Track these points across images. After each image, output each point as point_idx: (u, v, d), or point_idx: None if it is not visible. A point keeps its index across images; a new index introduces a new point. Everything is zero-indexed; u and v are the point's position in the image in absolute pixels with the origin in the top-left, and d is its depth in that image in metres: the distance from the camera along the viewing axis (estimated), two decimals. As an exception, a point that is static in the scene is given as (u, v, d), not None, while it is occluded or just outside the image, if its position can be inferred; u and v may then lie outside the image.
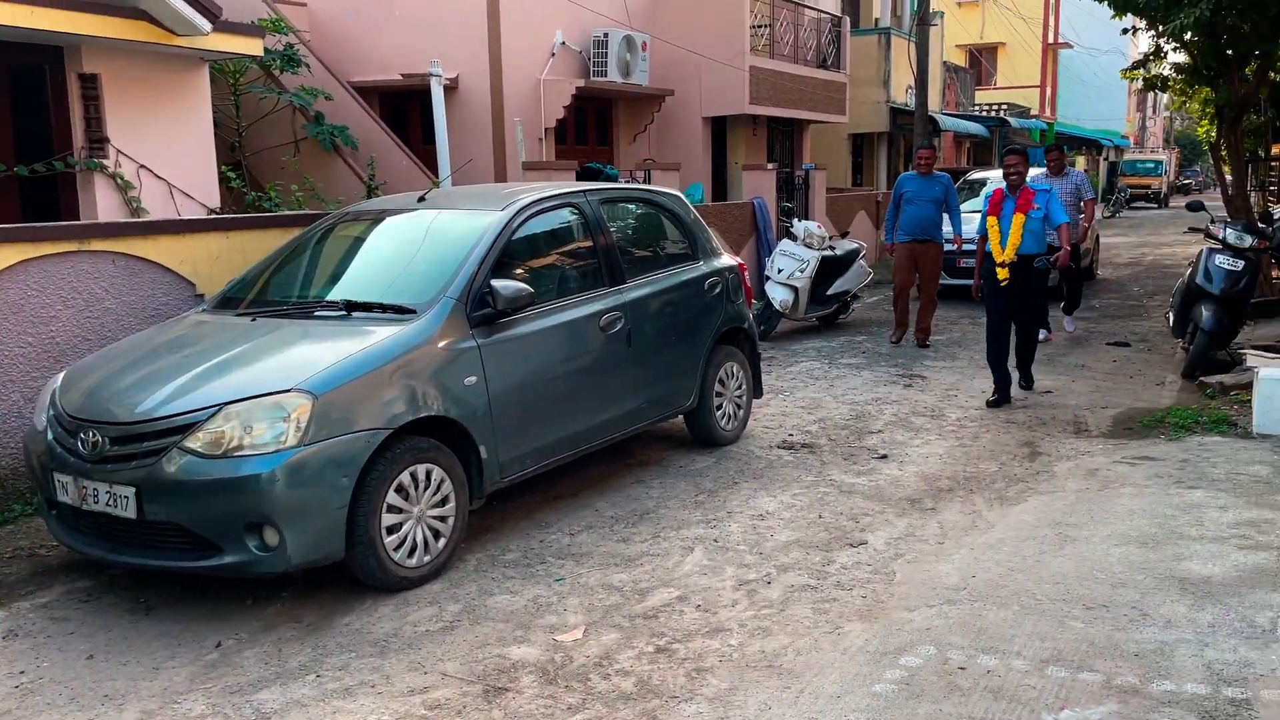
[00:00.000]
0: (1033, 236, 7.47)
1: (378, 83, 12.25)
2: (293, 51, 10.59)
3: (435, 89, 9.79)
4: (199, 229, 6.64)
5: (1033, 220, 7.45)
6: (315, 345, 4.58)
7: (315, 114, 10.60)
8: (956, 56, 35.08)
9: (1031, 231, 7.45)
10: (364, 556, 4.25)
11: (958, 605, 4.14)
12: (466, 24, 11.81)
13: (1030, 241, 7.47)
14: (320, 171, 10.44)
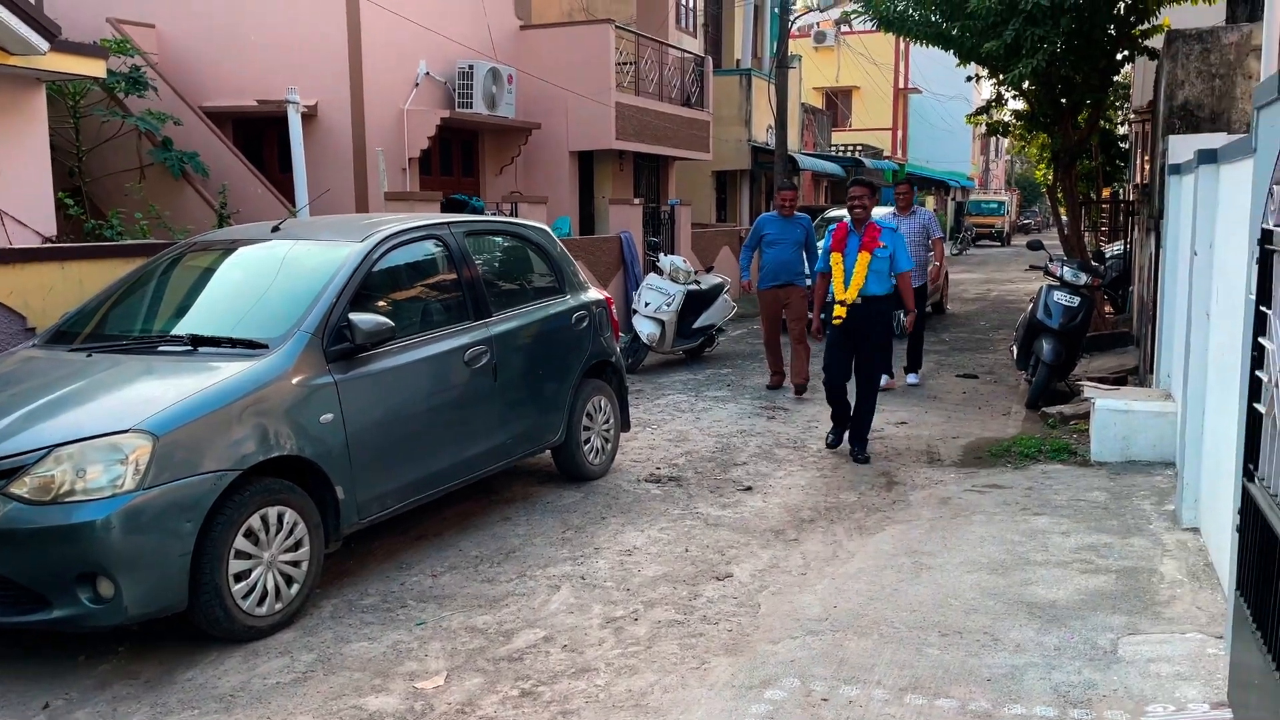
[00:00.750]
0: (877, 277, 7.00)
1: (232, 108, 11.84)
2: (139, 74, 10.14)
3: (293, 116, 9.52)
4: (31, 258, 6.23)
5: (879, 260, 6.97)
6: (157, 382, 4.33)
7: (163, 139, 10.17)
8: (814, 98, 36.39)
9: (877, 272, 6.98)
10: (209, 606, 4.01)
11: (820, 636, 4.20)
12: (326, 51, 11.56)
13: (875, 282, 6.99)
14: (168, 199, 9.99)
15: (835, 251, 7.13)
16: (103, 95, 10.06)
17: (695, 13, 20.34)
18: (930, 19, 12.12)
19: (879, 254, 6.99)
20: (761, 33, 23.76)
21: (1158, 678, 3.74)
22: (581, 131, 14.84)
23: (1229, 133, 7.67)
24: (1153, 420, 6.80)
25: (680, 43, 18.61)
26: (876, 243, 7.00)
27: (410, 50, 12.34)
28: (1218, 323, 5.00)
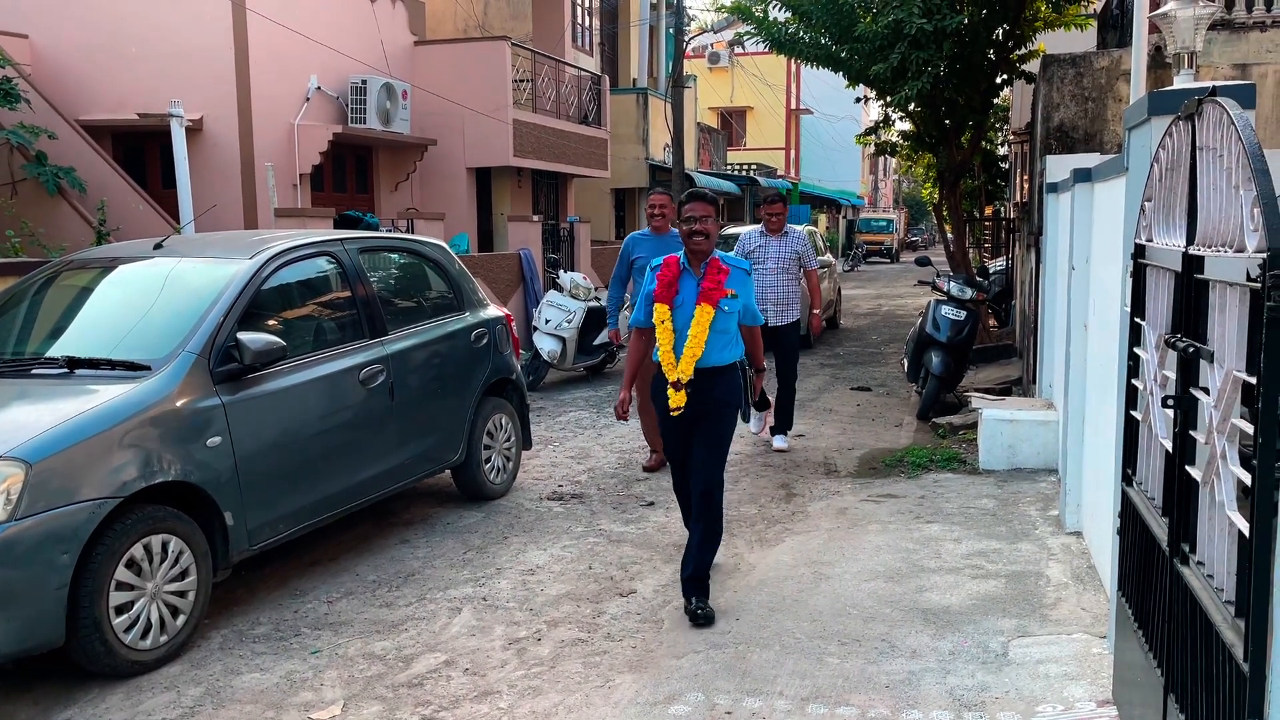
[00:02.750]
0: (723, 341, 4.72)
1: (111, 122, 11.38)
2: (10, 85, 9.66)
3: (176, 130, 9.20)
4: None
5: (725, 317, 4.69)
6: (31, 407, 4.11)
7: (36, 153, 9.70)
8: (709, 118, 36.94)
9: (722, 333, 4.70)
10: (88, 641, 3.81)
11: (723, 649, 4.22)
12: (212, 64, 11.21)
13: (718, 348, 4.70)
14: (42, 215, 9.53)
15: (661, 302, 4.73)
16: (-30, 107, 9.54)
17: (592, 32, 20.44)
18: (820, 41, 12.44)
19: (726, 307, 4.68)
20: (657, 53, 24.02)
21: (1047, 678, 3.87)
22: (479, 148, 14.73)
23: (1102, 153, 8.06)
24: (1037, 429, 7.06)
25: (577, 61, 18.66)
26: (722, 290, 4.67)
27: (301, 64, 12.07)
28: (1095, 334, 5.23)
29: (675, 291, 4.71)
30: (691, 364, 4.61)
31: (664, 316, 4.70)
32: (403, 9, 14.34)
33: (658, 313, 4.72)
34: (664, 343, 4.68)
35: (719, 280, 4.67)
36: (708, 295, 4.64)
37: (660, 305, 4.71)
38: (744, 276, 4.80)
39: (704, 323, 4.61)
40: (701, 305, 4.63)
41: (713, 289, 4.65)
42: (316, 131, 12.18)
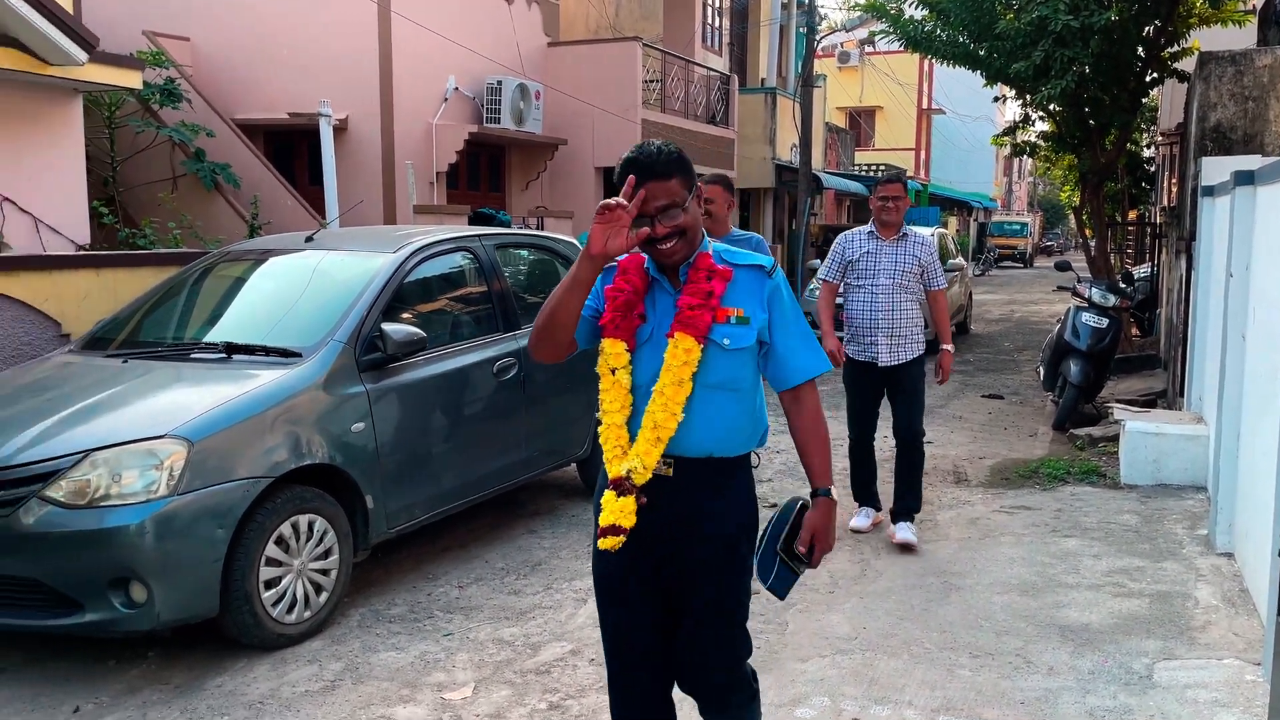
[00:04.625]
0: (724, 405, 2.56)
1: (264, 121, 11.96)
2: (173, 86, 10.27)
3: (324, 129, 9.60)
4: (67, 265, 6.30)
5: (724, 360, 2.55)
6: (192, 389, 4.36)
7: (196, 150, 10.28)
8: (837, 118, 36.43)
9: (721, 390, 2.55)
10: (239, 613, 4.02)
11: (850, 655, 4.16)
12: (358, 66, 11.66)
13: (716, 420, 2.55)
14: (200, 209, 10.09)
15: (613, 336, 2.60)
16: (138, 106, 10.19)
17: (721, 32, 20.42)
18: (958, 39, 12.12)
19: (726, 340, 2.55)
20: (787, 52, 23.82)
21: (1195, 704, 3.69)
22: (607, 147, 14.89)
23: (1263, 155, 7.62)
24: (1184, 443, 6.72)
25: (706, 61, 18.67)
26: (718, 309, 2.55)
27: (440, 65, 12.44)
28: (1255, 344, 4.95)
29: (639, 318, 2.55)
30: (656, 450, 2.46)
31: (617, 361, 2.53)
32: (538, 11, 14.62)
33: (606, 354, 2.56)
34: (611, 411, 2.53)
35: (711, 290, 2.51)
36: (688, 319, 2.48)
37: (611, 342, 2.55)
38: (761, 280, 2.58)
39: (682, 371, 2.46)
40: (678, 337, 2.47)
41: (698, 307, 2.49)
42: (453, 131, 12.53)
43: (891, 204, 5.55)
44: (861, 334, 5.64)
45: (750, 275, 2.60)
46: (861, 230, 5.73)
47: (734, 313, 2.54)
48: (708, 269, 2.55)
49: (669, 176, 2.45)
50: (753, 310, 2.56)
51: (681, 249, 2.52)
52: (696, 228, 2.55)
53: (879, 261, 5.59)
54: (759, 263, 2.62)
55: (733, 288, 2.55)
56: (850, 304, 5.67)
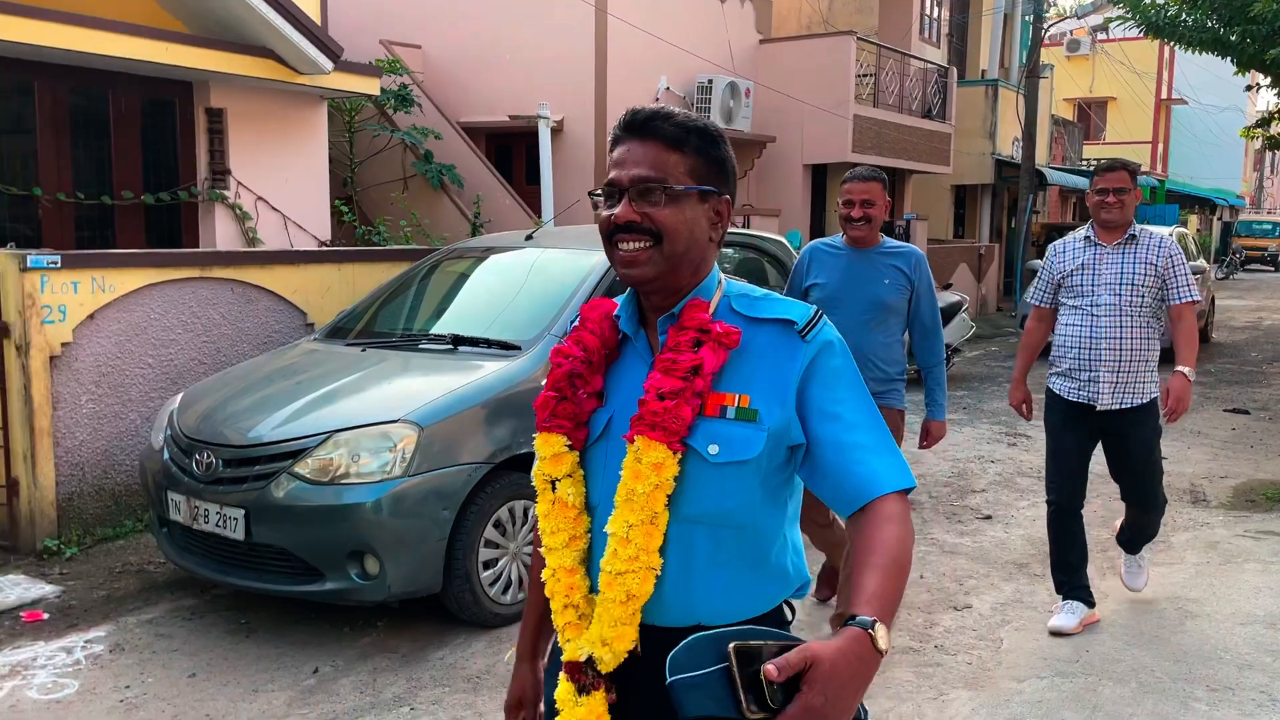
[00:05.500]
0: (721, 545, 1.58)
1: (485, 123, 12.54)
2: (406, 92, 10.92)
3: (542, 131, 9.95)
4: (313, 260, 6.83)
5: (714, 476, 1.55)
6: (422, 377, 4.64)
7: (425, 152, 10.89)
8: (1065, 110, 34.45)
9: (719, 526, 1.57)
10: (460, 591, 4.25)
11: (1071, 679, 3.94)
12: (574, 68, 12.03)
13: (702, 580, 1.58)
14: (427, 208, 10.69)
15: (549, 430, 1.65)
16: (374, 111, 10.90)
17: (939, 23, 19.73)
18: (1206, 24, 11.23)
19: (713, 449, 1.55)
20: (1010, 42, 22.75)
21: None
22: (816, 144, 14.70)
23: None
24: None
25: (923, 53, 18.09)
26: (714, 397, 1.56)
27: (652, 65, 12.65)
28: None
29: (593, 397, 1.67)
30: (629, 626, 1.57)
31: (557, 467, 1.65)
32: (750, 8, 14.61)
33: (540, 456, 1.68)
34: (556, 547, 1.65)
35: (699, 364, 1.56)
36: (655, 413, 1.55)
37: (546, 439, 1.67)
38: (789, 347, 1.59)
39: (653, 499, 1.55)
40: (640, 444, 1.55)
41: (672, 393, 1.55)
42: (664, 130, 12.71)
43: (1113, 198, 4.23)
44: (1075, 366, 4.31)
45: (773, 338, 1.58)
46: (1076, 236, 4.43)
47: (731, 400, 1.55)
48: (699, 326, 1.57)
49: (665, 141, 1.59)
50: (766, 398, 1.55)
51: (650, 269, 1.56)
52: (690, 247, 1.58)
53: (1099, 274, 4.27)
54: (788, 316, 1.58)
55: (738, 359, 1.57)
56: (1065, 328, 4.36)
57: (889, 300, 4.20)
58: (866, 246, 4.25)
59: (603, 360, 1.67)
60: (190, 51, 7.76)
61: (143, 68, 7.69)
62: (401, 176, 11.01)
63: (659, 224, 1.57)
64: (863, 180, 4.18)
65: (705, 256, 1.63)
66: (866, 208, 4.14)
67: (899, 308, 4.24)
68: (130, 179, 8.18)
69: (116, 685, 3.86)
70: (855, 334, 3.90)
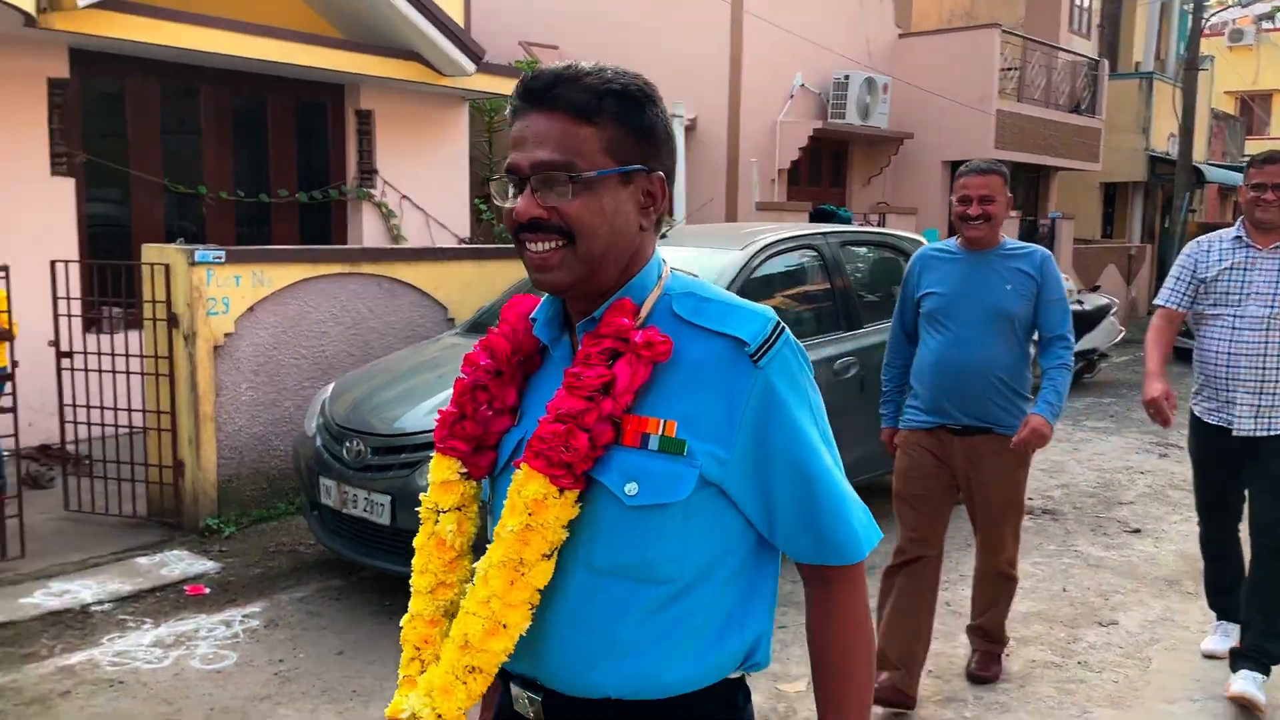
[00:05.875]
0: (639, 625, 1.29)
1: (620, 122, 12.68)
2: (545, 91, 11.13)
3: (677, 130, 9.98)
4: (454, 257, 7.05)
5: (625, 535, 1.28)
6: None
7: (561, 151, 11.09)
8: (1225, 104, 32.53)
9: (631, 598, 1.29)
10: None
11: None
12: (708, 67, 12.03)
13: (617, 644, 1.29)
14: (562, 206, 10.89)
15: (445, 452, 1.42)
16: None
17: (1090, 14, 18.94)
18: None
19: (631, 488, 1.26)
20: (1167, 33, 21.65)
21: None
22: (956, 140, 14.31)
23: None
24: None
25: (1072, 45, 17.40)
26: (633, 422, 1.27)
27: (787, 62, 12.55)
28: None
29: (504, 413, 1.41)
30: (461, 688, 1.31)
31: (446, 496, 1.42)
32: (889, 2, 14.33)
33: (431, 482, 1.45)
34: (420, 590, 1.44)
35: (610, 380, 1.26)
36: (544, 439, 1.27)
37: (440, 461, 1.44)
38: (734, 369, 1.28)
39: (524, 542, 1.28)
40: (523, 474, 1.28)
41: (570, 416, 1.27)
42: (798, 128, 12.60)
43: (1271, 194, 3.68)
44: (1214, 385, 3.82)
45: (716, 357, 1.27)
46: (1224, 234, 3.89)
47: (654, 427, 1.25)
48: (616, 334, 1.27)
49: (572, 111, 1.26)
50: (699, 429, 1.25)
51: (564, 274, 1.28)
52: (614, 243, 1.29)
53: (1249, 279, 3.74)
54: (737, 333, 1.27)
55: (668, 376, 1.27)
56: (1203, 340, 3.87)
57: (1012, 308, 3.66)
58: (985, 248, 3.71)
59: (516, 370, 1.40)
60: (342, 55, 8.11)
61: (298, 71, 8.08)
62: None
63: (569, 220, 1.26)
64: (980, 173, 3.66)
65: (638, 249, 1.34)
66: (985, 205, 3.63)
67: (1024, 316, 3.68)
68: (285, 178, 8.62)
69: (271, 659, 4.08)
70: (974, 347, 3.63)
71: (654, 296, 1.33)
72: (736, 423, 1.26)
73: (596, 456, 1.26)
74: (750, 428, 1.27)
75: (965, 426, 3.69)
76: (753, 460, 1.28)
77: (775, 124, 12.50)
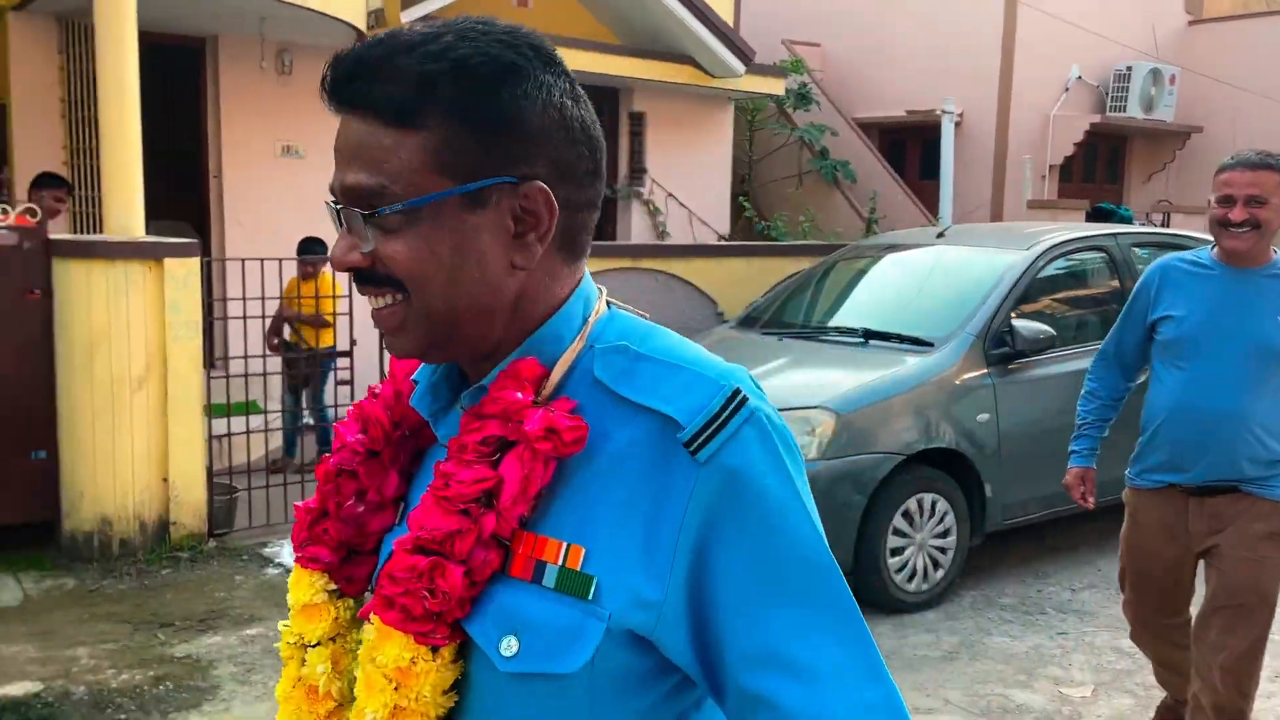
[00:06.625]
0: None
1: (879, 119, 12.57)
2: (806, 90, 11.24)
3: (946, 127, 9.84)
4: (726, 254, 7.34)
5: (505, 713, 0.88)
6: (837, 367, 4.87)
7: (821, 149, 11.15)
8: None
9: None
10: (868, 574, 4.42)
11: None
12: (977, 61, 11.72)
13: None
14: (819, 204, 10.96)
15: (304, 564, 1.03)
16: (774, 110, 11.34)
17: None
18: None
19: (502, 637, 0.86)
20: None
21: None
22: (1254, 134, 13.08)
23: None
24: None
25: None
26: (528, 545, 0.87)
27: (1063, 53, 11.99)
28: None
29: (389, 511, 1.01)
30: None
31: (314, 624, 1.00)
32: (1179, -13, 13.39)
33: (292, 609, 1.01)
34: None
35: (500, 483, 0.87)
36: (397, 579, 0.88)
37: (301, 577, 1.01)
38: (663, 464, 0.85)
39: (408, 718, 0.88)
40: (375, 632, 0.90)
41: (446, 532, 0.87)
42: (1073, 122, 12.04)
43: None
44: None
45: (641, 445, 0.87)
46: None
47: (555, 552, 0.87)
48: (504, 412, 0.89)
49: (382, 112, 0.87)
50: (616, 555, 0.86)
51: (409, 339, 0.92)
52: (465, 293, 0.89)
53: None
54: (665, 410, 0.86)
55: (579, 478, 0.88)
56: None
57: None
58: (1249, 265, 2.85)
59: (401, 448, 1.00)
60: (622, 61, 8.57)
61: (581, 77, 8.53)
62: (795, 173, 11.36)
63: (392, 268, 0.88)
64: (1250, 168, 2.78)
65: (529, 292, 0.91)
66: (1253, 208, 2.76)
67: None
68: (565, 177, 9.19)
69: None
70: (1226, 391, 2.82)
71: (571, 354, 0.91)
72: (670, 546, 0.83)
73: (475, 596, 0.87)
74: (690, 554, 0.84)
75: (1205, 485, 2.89)
76: (695, 604, 0.84)
77: (1048, 118, 11.99)
